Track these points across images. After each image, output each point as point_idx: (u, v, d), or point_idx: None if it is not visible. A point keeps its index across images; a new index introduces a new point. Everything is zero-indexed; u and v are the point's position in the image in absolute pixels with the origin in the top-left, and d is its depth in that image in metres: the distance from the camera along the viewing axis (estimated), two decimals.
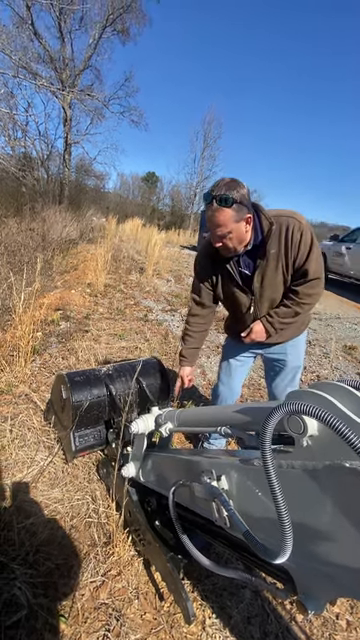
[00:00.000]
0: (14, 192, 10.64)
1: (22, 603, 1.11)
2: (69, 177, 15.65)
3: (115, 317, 4.26)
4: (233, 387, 1.79)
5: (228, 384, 1.79)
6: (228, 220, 1.21)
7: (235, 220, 1.22)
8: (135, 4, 14.93)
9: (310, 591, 0.69)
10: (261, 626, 1.19)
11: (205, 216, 1.29)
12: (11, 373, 2.48)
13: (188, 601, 1.06)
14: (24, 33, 12.77)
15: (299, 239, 1.26)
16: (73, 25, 14.54)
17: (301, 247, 1.27)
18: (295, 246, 1.27)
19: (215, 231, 1.25)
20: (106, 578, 1.27)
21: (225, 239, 1.27)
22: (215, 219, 1.22)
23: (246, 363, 1.76)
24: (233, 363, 1.75)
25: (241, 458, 0.77)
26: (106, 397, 1.78)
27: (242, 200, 1.19)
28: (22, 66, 11.27)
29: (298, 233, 1.26)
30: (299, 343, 1.63)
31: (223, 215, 1.20)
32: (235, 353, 1.73)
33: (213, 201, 1.19)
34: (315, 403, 0.53)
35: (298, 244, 1.27)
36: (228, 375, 1.78)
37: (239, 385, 1.82)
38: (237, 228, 1.24)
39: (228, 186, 1.18)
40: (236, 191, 1.18)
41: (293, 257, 1.30)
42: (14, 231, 6.65)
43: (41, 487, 1.61)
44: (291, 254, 1.29)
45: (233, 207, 1.18)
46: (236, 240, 1.28)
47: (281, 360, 1.64)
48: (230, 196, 1.16)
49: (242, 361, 1.74)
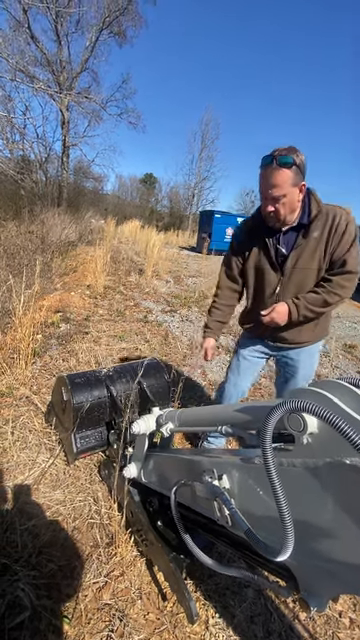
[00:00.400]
0: (13, 195, 10.65)
1: (25, 605, 1.11)
2: (67, 179, 15.67)
3: (115, 318, 4.26)
4: (240, 386, 1.75)
5: (235, 383, 1.75)
6: (286, 181, 1.21)
7: (292, 183, 1.22)
8: (131, 6, 14.98)
9: (312, 588, 0.69)
10: (264, 625, 1.19)
11: (260, 180, 1.28)
12: (12, 375, 2.48)
13: (191, 601, 1.06)
14: (21, 36, 12.78)
15: (344, 229, 1.27)
16: (70, 28, 14.58)
17: (344, 237, 1.28)
18: (339, 235, 1.28)
19: (271, 192, 1.25)
20: (109, 579, 1.27)
21: (278, 203, 1.27)
22: (273, 179, 1.22)
23: (257, 364, 1.72)
24: (243, 362, 1.71)
25: (242, 457, 0.77)
26: (107, 398, 1.78)
27: (300, 165, 1.21)
28: (19, 69, 11.29)
29: (344, 223, 1.28)
30: (313, 353, 1.60)
31: (282, 175, 1.20)
32: (247, 352, 1.70)
33: (273, 161, 1.20)
34: (315, 401, 0.54)
35: (342, 233, 1.28)
36: (236, 374, 1.75)
37: (247, 385, 1.77)
38: (292, 193, 1.25)
39: (289, 150, 1.20)
40: (296, 155, 1.20)
41: (334, 246, 1.30)
42: (13, 234, 6.65)
43: (43, 489, 1.61)
44: (332, 242, 1.30)
45: (292, 169, 1.20)
46: (288, 207, 1.28)
47: (293, 367, 1.61)
48: (291, 158, 1.18)
49: (253, 361, 1.70)
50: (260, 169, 1.26)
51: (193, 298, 5.83)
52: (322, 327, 1.54)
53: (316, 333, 1.53)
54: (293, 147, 1.23)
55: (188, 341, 3.86)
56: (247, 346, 1.70)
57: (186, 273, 8.39)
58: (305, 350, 1.57)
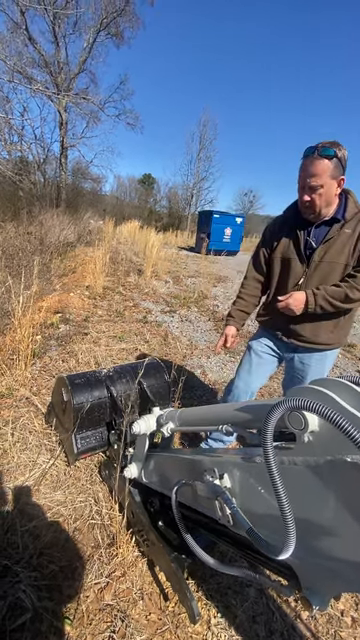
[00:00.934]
0: (11, 196, 10.64)
1: (27, 606, 1.11)
2: (66, 180, 15.67)
3: (114, 319, 4.26)
4: (250, 384, 1.70)
5: (245, 380, 1.71)
6: (325, 172, 1.24)
7: (331, 175, 1.25)
8: (128, 8, 15.02)
9: (314, 587, 0.69)
10: (266, 624, 1.19)
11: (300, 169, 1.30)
12: (11, 377, 2.47)
13: (193, 601, 1.06)
14: (18, 38, 12.81)
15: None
16: (67, 29, 14.62)
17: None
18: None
19: (309, 181, 1.27)
20: (110, 579, 1.27)
21: (315, 193, 1.28)
22: (313, 168, 1.24)
23: (269, 363, 1.68)
24: (255, 359, 1.68)
25: (243, 456, 0.77)
26: (107, 399, 1.78)
27: (342, 159, 1.24)
28: (17, 71, 11.31)
29: None
30: (326, 360, 1.54)
31: (322, 165, 1.23)
32: (260, 347, 1.67)
33: (315, 152, 1.23)
34: (316, 399, 0.54)
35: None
36: (247, 371, 1.70)
37: (257, 385, 1.72)
38: (330, 184, 1.26)
39: (332, 143, 1.24)
40: (338, 149, 1.23)
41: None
42: (12, 235, 6.64)
43: (43, 490, 1.61)
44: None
45: (333, 161, 1.22)
46: (324, 198, 1.29)
47: (303, 370, 1.56)
48: (333, 150, 1.21)
49: (265, 359, 1.67)
50: (301, 159, 1.29)
51: (192, 298, 5.83)
52: (342, 330, 1.48)
53: (335, 335, 1.48)
54: (337, 141, 1.25)
55: (188, 341, 3.86)
56: (260, 342, 1.68)
57: (185, 273, 8.39)
58: (317, 355, 1.52)
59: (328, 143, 1.23)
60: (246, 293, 1.71)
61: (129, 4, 14.90)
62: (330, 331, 1.46)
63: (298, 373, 1.58)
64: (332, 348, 1.52)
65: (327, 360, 1.54)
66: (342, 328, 1.48)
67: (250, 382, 1.70)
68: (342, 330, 1.49)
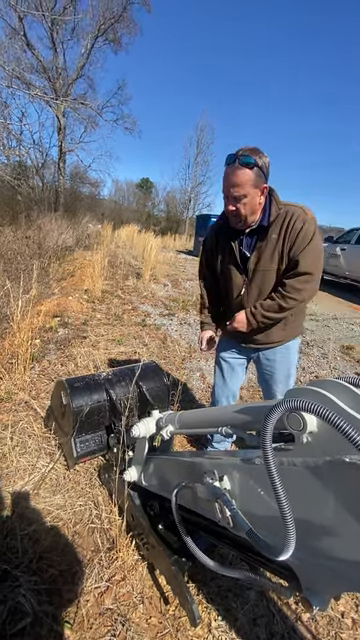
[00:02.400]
0: (9, 201, 10.66)
1: (27, 610, 1.10)
2: (64, 185, 15.71)
3: (113, 323, 4.26)
4: (230, 389, 1.77)
5: (224, 386, 1.78)
6: (246, 182, 1.23)
7: (253, 184, 1.24)
8: (126, 14, 15.14)
9: (314, 587, 0.69)
10: (267, 627, 1.19)
11: (223, 178, 1.29)
12: (10, 381, 2.47)
13: (193, 604, 1.06)
14: (17, 44, 12.90)
15: (299, 229, 1.27)
16: (65, 35, 14.72)
17: (299, 237, 1.28)
18: (294, 235, 1.28)
19: (232, 192, 1.27)
20: (110, 583, 1.26)
21: (239, 203, 1.28)
22: (234, 178, 1.24)
23: (239, 365, 1.74)
24: (225, 365, 1.74)
25: (242, 458, 0.78)
26: (106, 402, 1.78)
27: (263, 167, 1.23)
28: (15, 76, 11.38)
29: (300, 223, 1.28)
30: (289, 351, 1.59)
31: (243, 175, 1.22)
32: (227, 354, 1.72)
33: (236, 161, 1.21)
34: (314, 400, 0.54)
35: (297, 233, 1.28)
36: (221, 378, 1.77)
37: (236, 387, 1.79)
38: (253, 194, 1.26)
39: (252, 151, 1.22)
40: (259, 157, 1.22)
41: (289, 246, 1.30)
42: (10, 239, 6.65)
43: (43, 494, 1.61)
44: (288, 242, 1.30)
45: (254, 170, 1.21)
46: (249, 207, 1.29)
47: (270, 366, 1.61)
48: (253, 159, 1.20)
49: (234, 363, 1.72)
50: (224, 167, 1.28)
51: (191, 301, 5.84)
52: (293, 326, 1.53)
53: (287, 332, 1.53)
54: (257, 148, 1.24)
55: (186, 344, 3.87)
56: (226, 349, 1.73)
57: (183, 276, 8.41)
58: (280, 349, 1.57)
59: (248, 150, 1.22)
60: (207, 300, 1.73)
61: (127, 10, 15.05)
62: (282, 329, 1.51)
63: (266, 369, 1.63)
64: (290, 340, 1.57)
65: (290, 351, 1.59)
66: (293, 322, 1.52)
67: (229, 386, 1.77)
68: (294, 323, 1.53)
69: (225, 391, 1.78)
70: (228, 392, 1.78)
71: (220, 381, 1.78)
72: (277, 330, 1.51)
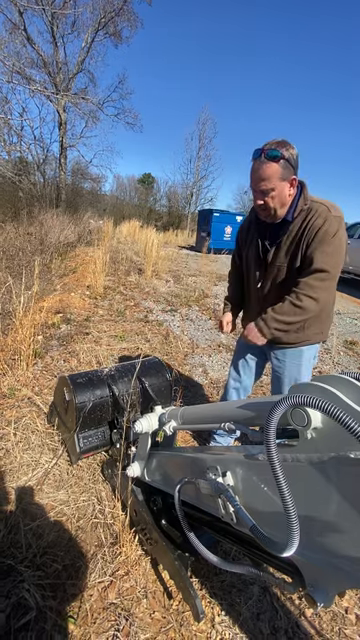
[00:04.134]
0: (11, 197, 10.66)
1: (31, 605, 1.11)
2: (65, 180, 15.67)
3: (115, 319, 4.26)
4: (242, 382, 1.77)
5: (238, 379, 1.78)
6: (273, 175, 1.20)
7: (280, 177, 1.21)
8: (126, 7, 14.97)
9: (318, 583, 0.69)
10: (270, 622, 1.19)
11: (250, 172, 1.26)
12: (13, 377, 2.48)
13: (197, 599, 1.06)
14: (17, 39, 12.82)
15: (320, 225, 1.23)
16: (65, 29, 14.61)
17: (318, 234, 1.23)
18: (312, 231, 1.24)
19: (259, 186, 1.24)
20: (114, 578, 1.27)
21: (267, 197, 1.26)
22: (261, 172, 1.21)
23: (254, 360, 1.71)
24: (241, 359, 1.73)
25: (246, 453, 0.77)
26: (109, 398, 1.78)
27: (290, 159, 1.20)
28: (16, 71, 11.32)
29: (321, 220, 1.23)
30: (301, 357, 1.50)
31: (270, 169, 1.19)
32: (244, 348, 1.70)
33: (262, 155, 1.19)
34: (318, 395, 0.53)
35: (316, 230, 1.23)
36: (237, 370, 1.77)
37: (248, 382, 1.77)
38: (281, 187, 1.23)
39: (278, 143, 1.19)
40: (285, 149, 1.18)
41: (306, 242, 1.27)
42: (12, 236, 6.65)
43: (46, 489, 1.61)
44: (305, 238, 1.26)
45: (280, 163, 1.18)
46: (278, 200, 1.27)
47: (279, 367, 1.56)
48: (279, 152, 1.17)
49: (251, 356, 1.71)
50: (251, 161, 1.26)
51: (193, 297, 5.82)
52: (314, 329, 1.43)
53: (306, 334, 1.44)
54: (284, 140, 1.21)
55: (189, 340, 3.86)
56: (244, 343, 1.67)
57: (186, 272, 8.38)
58: (291, 351, 1.50)
59: (275, 144, 1.19)
60: (233, 283, 1.76)
61: (127, 3, 14.88)
62: (295, 332, 1.43)
63: (276, 369, 1.60)
64: (305, 344, 1.48)
65: (303, 355, 1.50)
66: (310, 327, 1.42)
67: (242, 379, 1.77)
68: (316, 327, 1.44)
69: (237, 384, 1.79)
70: (239, 385, 1.78)
71: (234, 374, 1.79)
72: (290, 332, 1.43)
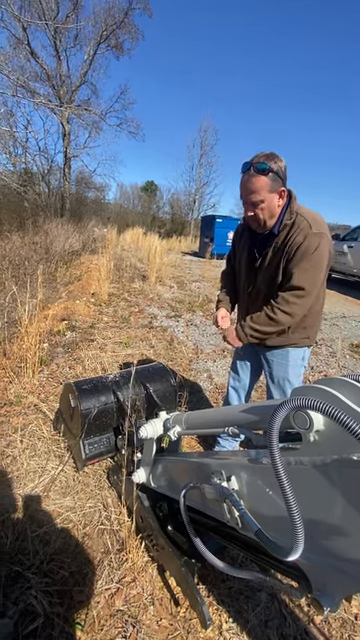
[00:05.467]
0: (16, 207, 10.84)
1: (38, 612, 1.11)
2: (70, 190, 15.89)
3: (120, 325, 4.29)
4: (242, 381, 1.81)
5: (237, 378, 1.83)
6: (262, 188, 1.24)
7: (269, 189, 1.25)
8: (127, 19, 15.30)
9: (325, 588, 0.68)
10: (279, 629, 1.18)
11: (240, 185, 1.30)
12: (20, 384, 2.50)
13: (204, 605, 1.06)
14: (21, 53, 13.14)
15: (300, 242, 1.25)
16: (68, 43, 14.97)
17: (298, 251, 1.26)
18: (293, 248, 1.27)
19: (249, 198, 1.28)
20: (121, 585, 1.26)
21: (257, 208, 1.29)
22: (250, 185, 1.25)
23: (254, 361, 1.74)
24: (239, 358, 1.79)
25: (250, 458, 0.77)
26: (114, 404, 1.79)
27: (278, 172, 1.23)
28: (20, 85, 11.58)
29: (301, 236, 1.25)
30: (288, 355, 1.53)
31: (259, 182, 1.23)
32: (243, 349, 1.71)
33: (251, 168, 1.23)
34: (320, 398, 0.54)
35: (297, 247, 1.26)
36: (236, 369, 1.82)
37: (248, 381, 1.82)
38: (270, 198, 1.26)
39: (267, 156, 1.23)
40: (274, 162, 1.22)
41: (287, 258, 1.30)
42: (18, 245, 6.75)
43: (53, 496, 1.62)
44: (286, 254, 1.30)
45: (269, 176, 1.22)
46: (267, 212, 1.29)
47: (269, 367, 1.61)
48: (267, 165, 1.20)
49: (249, 357, 1.75)
50: (240, 174, 1.29)
51: (197, 302, 5.84)
52: (298, 334, 1.47)
53: (290, 337, 1.47)
54: (273, 153, 1.25)
55: (193, 345, 3.87)
56: None
57: (189, 278, 8.41)
58: (278, 352, 1.53)
59: (263, 156, 1.22)
60: (227, 281, 1.76)
61: (128, 16, 15.21)
62: (277, 335, 1.47)
63: (266, 370, 1.65)
64: (291, 346, 1.50)
65: (289, 355, 1.52)
66: (294, 332, 1.46)
67: (240, 378, 1.81)
68: (295, 333, 1.46)
69: (236, 383, 1.83)
70: (238, 384, 1.83)
71: (234, 374, 1.84)
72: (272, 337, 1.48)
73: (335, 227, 22.93)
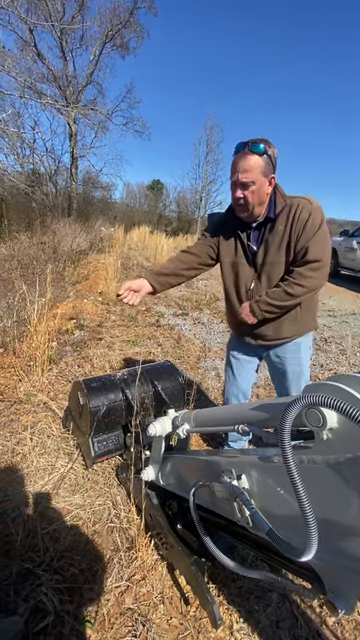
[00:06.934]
0: (24, 208, 10.95)
1: (49, 609, 1.12)
2: (77, 190, 15.99)
3: (127, 324, 4.29)
4: (240, 387, 1.75)
5: (235, 384, 1.76)
6: (255, 168, 1.23)
7: (262, 172, 1.24)
8: (133, 19, 15.29)
9: (339, 589, 0.67)
10: (290, 630, 1.16)
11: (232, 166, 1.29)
12: (29, 383, 2.52)
13: (214, 605, 1.05)
14: (28, 55, 13.23)
15: (306, 218, 1.27)
16: (74, 44, 15.02)
17: (307, 226, 1.27)
18: (301, 225, 1.28)
19: (240, 177, 1.26)
20: (130, 583, 1.26)
21: (247, 190, 1.27)
22: (244, 163, 1.24)
23: (250, 363, 1.71)
24: (235, 364, 1.73)
25: (260, 456, 0.76)
26: (123, 402, 1.79)
27: (272, 157, 1.24)
28: (27, 86, 11.64)
29: (307, 212, 1.27)
30: (300, 348, 1.55)
31: (253, 161, 1.22)
32: (237, 352, 1.71)
33: (246, 147, 1.23)
34: (333, 395, 0.52)
35: (304, 222, 1.27)
36: (232, 375, 1.75)
37: (246, 386, 1.76)
38: (261, 182, 1.26)
39: (262, 140, 1.24)
40: (268, 146, 1.23)
41: (296, 236, 1.29)
42: (26, 245, 6.82)
43: (62, 493, 1.63)
44: (295, 232, 1.29)
45: (263, 157, 1.22)
46: (257, 196, 1.28)
47: (281, 364, 1.58)
48: (263, 147, 1.21)
49: (244, 360, 1.70)
50: (233, 156, 1.28)
51: (204, 300, 5.82)
52: (302, 321, 1.49)
53: (298, 327, 1.49)
54: (266, 139, 1.25)
55: (201, 343, 3.85)
56: (235, 347, 1.72)
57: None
58: (289, 345, 1.54)
59: (259, 140, 1.23)
60: (170, 260, 1.61)
61: (133, 15, 15.20)
62: (291, 324, 1.47)
63: (278, 366, 1.61)
64: (300, 336, 1.53)
65: (302, 346, 1.55)
66: (302, 318, 1.48)
67: (238, 385, 1.75)
68: (305, 319, 1.49)
69: (235, 389, 1.77)
70: (238, 391, 1.76)
71: (231, 379, 1.77)
72: (287, 324, 1.47)
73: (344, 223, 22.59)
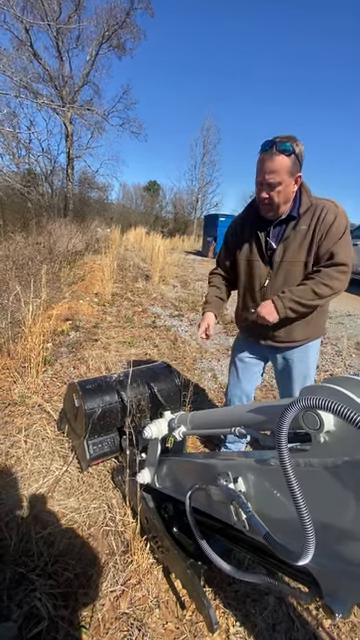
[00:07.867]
0: (20, 208, 10.87)
1: (43, 615, 1.10)
2: (73, 190, 15.93)
3: (123, 325, 4.28)
4: (244, 389, 1.73)
5: (238, 387, 1.74)
6: (283, 169, 1.21)
7: (289, 172, 1.22)
8: (129, 19, 15.29)
9: (336, 593, 0.66)
10: (287, 633, 1.15)
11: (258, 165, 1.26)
12: (24, 384, 2.50)
13: (210, 609, 1.04)
14: (24, 55, 13.19)
15: (332, 221, 1.26)
16: (70, 44, 14.98)
17: (332, 229, 1.26)
18: (325, 227, 1.27)
19: (267, 178, 1.24)
20: (126, 587, 1.25)
21: (273, 190, 1.26)
22: (271, 164, 1.21)
23: (255, 366, 1.70)
24: (240, 365, 1.71)
25: (257, 459, 0.75)
26: (118, 404, 1.78)
27: (299, 155, 1.22)
28: (23, 86, 11.60)
29: (332, 215, 1.26)
30: (309, 351, 1.54)
31: (280, 162, 1.20)
32: (243, 354, 1.69)
33: (273, 147, 1.19)
34: (330, 397, 0.52)
35: (329, 225, 1.26)
36: (236, 377, 1.73)
37: (250, 388, 1.75)
38: (287, 182, 1.24)
39: (289, 138, 1.21)
40: (295, 144, 1.20)
41: (320, 237, 1.28)
42: (21, 245, 6.77)
43: (57, 497, 1.61)
44: (318, 234, 1.28)
45: (291, 157, 1.19)
46: (283, 196, 1.27)
47: (288, 367, 1.57)
48: (290, 146, 1.18)
49: (250, 363, 1.68)
50: (259, 154, 1.26)
51: (200, 302, 5.81)
52: (315, 325, 1.49)
53: (309, 331, 1.48)
54: (293, 136, 1.23)
55: (197, 345, 3.84)
56: (242, 348, 1.70)
57: (192, 277, 8.40)
58: (298, 350, 1.53)
59: (285, 138, 1.20)
60: (215, 282, 1.71)
61: (129, 16, 15.20)
62: (304, 328, 1.47)
63: (284, 370, 1.60)
64: (311, 340, 1.53)
65: (309, 352, 1.55)
66: (316, 322, 1.48)
67: (243, 386, 1.73)
68: (316, 323, 1.49)
69: (238, 391, 1.74)
70: (241, 393, 1.74)
71: (234, 380, 1.75)
72: (300, 328, 1.46)
73: None
